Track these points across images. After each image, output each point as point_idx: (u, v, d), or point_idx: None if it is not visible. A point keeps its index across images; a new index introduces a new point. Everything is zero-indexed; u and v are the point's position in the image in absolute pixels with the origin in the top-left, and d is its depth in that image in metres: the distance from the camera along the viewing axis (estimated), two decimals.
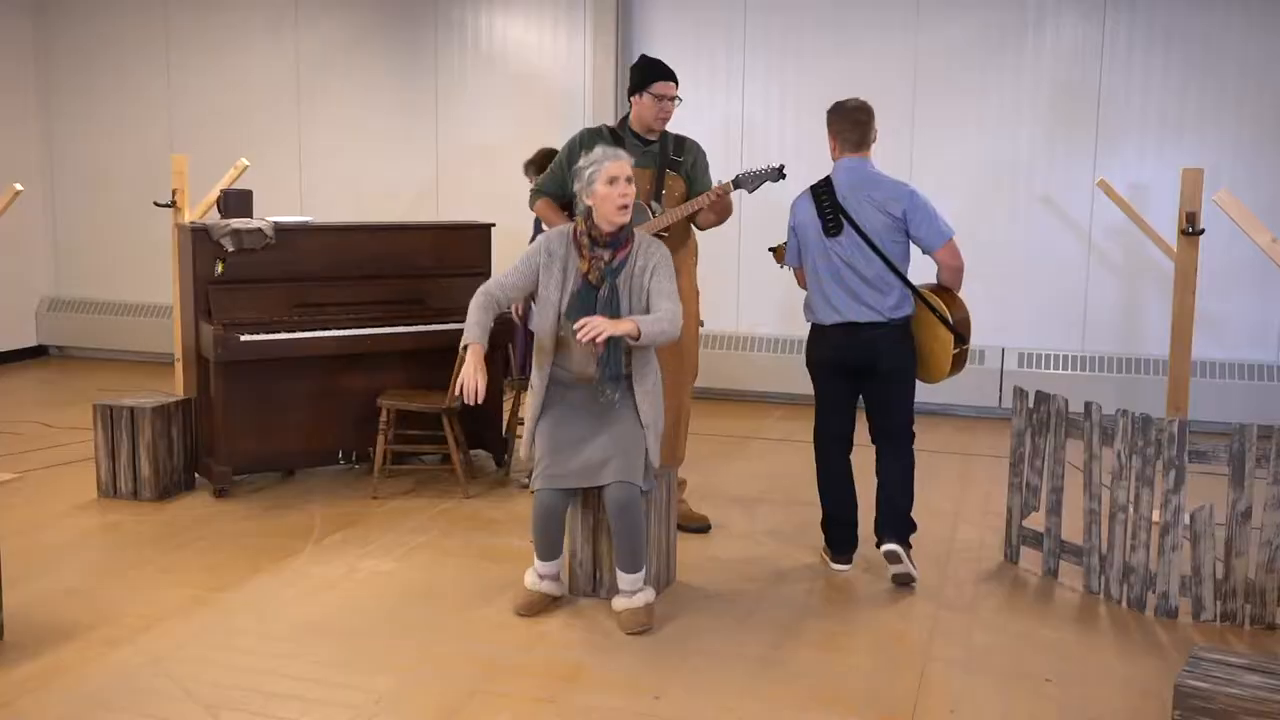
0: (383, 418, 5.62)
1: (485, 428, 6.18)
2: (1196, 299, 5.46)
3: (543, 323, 4.11)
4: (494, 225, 6.29)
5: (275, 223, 5.73)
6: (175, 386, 6.49)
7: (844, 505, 4.71)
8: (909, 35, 7.70)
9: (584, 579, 4.34)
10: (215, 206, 6.07)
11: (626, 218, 4.02)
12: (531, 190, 5.20)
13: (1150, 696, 3.57)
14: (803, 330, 4.80)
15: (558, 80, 8.39)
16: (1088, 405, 4.48)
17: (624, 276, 4.07)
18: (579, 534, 4.33)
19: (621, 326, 3.88)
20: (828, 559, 4.76)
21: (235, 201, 5.89)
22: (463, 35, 8.59)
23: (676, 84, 4.93)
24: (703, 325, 5.37)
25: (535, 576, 4.20)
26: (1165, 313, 5.93)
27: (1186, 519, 4.23)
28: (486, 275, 6.20)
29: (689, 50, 8.07)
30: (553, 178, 5.08)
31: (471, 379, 3.88)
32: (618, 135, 4.99)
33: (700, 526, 5.17)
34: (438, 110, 8.69)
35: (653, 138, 5.00)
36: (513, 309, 5.29)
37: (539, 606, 4.16)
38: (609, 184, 3.97)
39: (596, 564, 4.32)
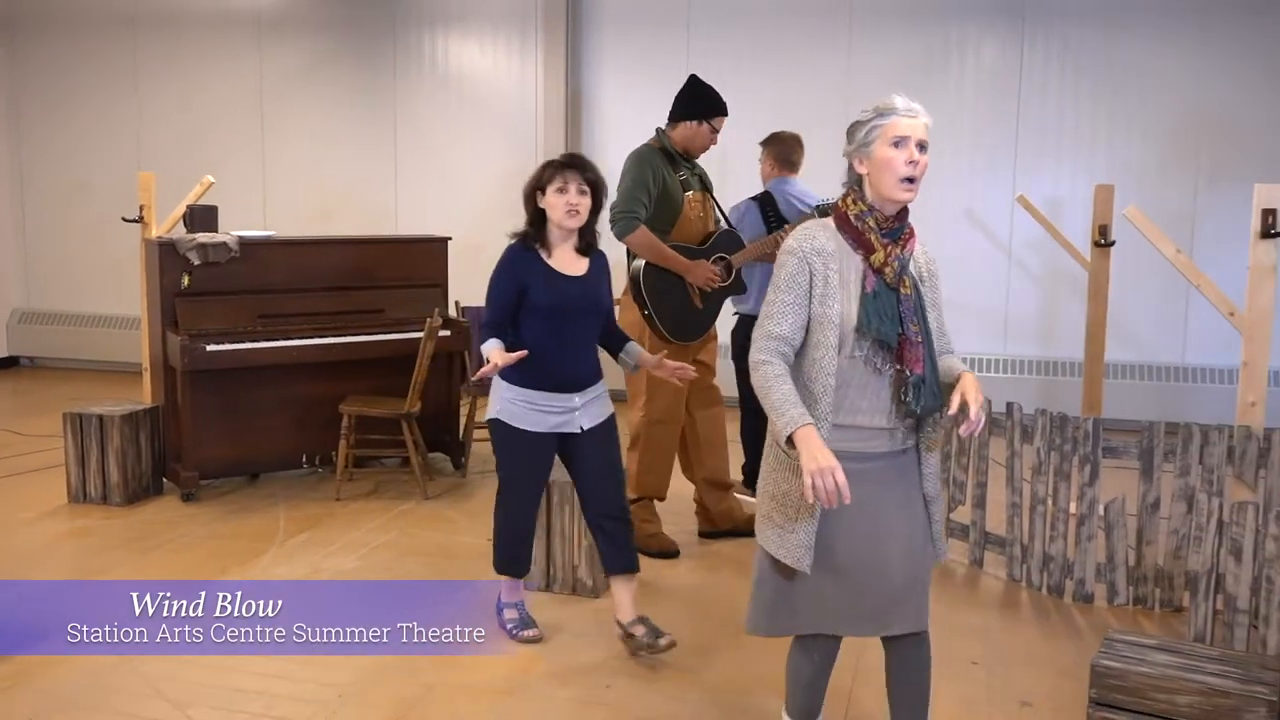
0: (344, 423, 5.69)
1: (442, 432, 6.29)
2: (1109, 305, 5.70)
3: (821, 357, 2.67)
4: (450, 239, 6.44)
5: (240, 237, 5.78)
6: (144, 395, 6.49)
7: None
8: (841, 58, 7.91)
9: (565, 577, 4.39)
10: (181, 222, 6.09)
11: (912, 195, 2.71)
12: (621, 217, 4.54)
13: (1069, 676, 3.71)
14: None
15: (511, 102, 8.52)
16: (1009, 405, 4.65)
17: (912, 276, 2.79)
18: (557, 532, 4.34)
19: (978, 391, 2.69)
20: None
21: (201, 217, 5.93)
22: (420, 58, 8.72)
23: None
24: None
25: None
26: (1080, 318, 6.11)
27: (1101, 510, 4.40)
28: (444, 286, 6.28)
29: (635, 74, 8.23)
30: (637, 200, 4.56)
31: (830, 474, 2.49)
32: (670, 155, 4.77)
33: (668, 552, 4.89)
34: (396, 129, 8.81)
35: (689, 161, 4.88)
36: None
37: None
38: (893, 146, 2.66)
39: (569, 559, 4.37)
